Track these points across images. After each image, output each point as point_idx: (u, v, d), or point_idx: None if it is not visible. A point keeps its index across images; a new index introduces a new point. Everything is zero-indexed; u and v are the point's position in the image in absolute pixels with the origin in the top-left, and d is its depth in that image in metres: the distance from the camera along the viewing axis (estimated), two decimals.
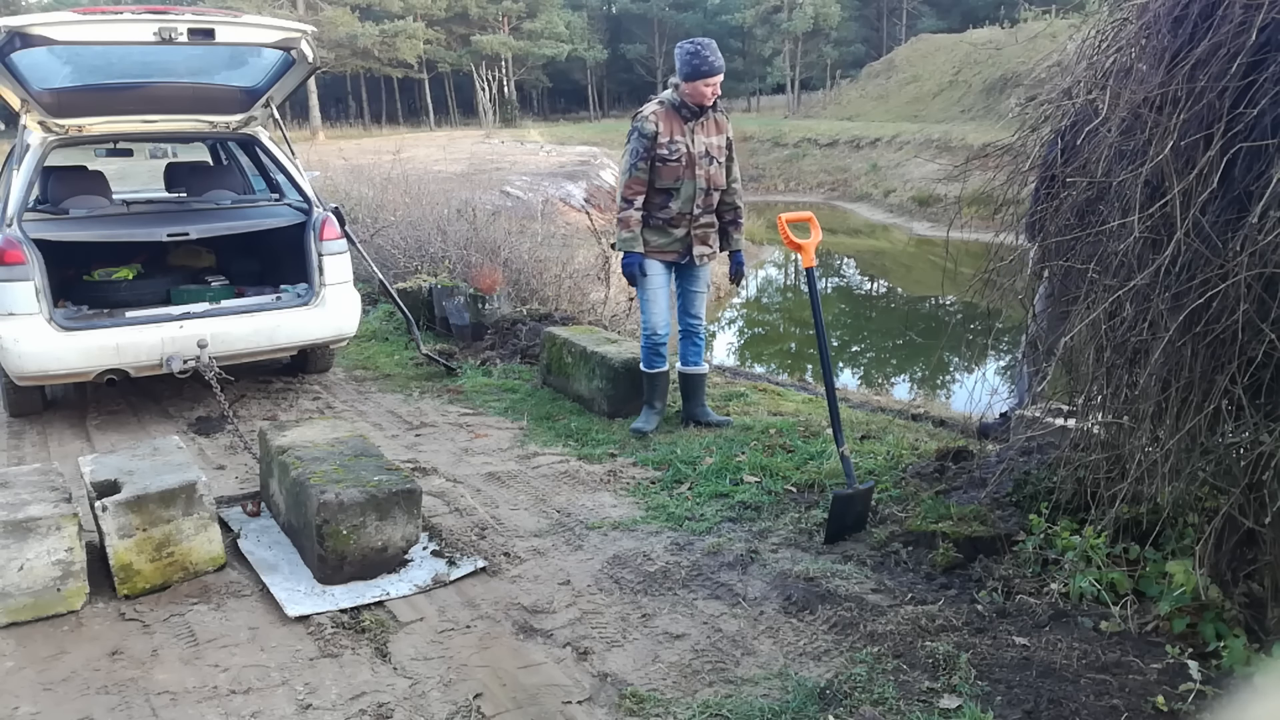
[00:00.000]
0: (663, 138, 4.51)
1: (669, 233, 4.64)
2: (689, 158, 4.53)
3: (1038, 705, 2.38)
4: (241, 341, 5.16)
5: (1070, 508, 3.05)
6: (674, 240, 4.65)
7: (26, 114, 5.34)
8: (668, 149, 4.51)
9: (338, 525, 3.19)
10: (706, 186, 4.60)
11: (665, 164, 4.53)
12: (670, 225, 4.63)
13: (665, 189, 4.58)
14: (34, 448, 4.91)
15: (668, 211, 4.61)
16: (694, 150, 4.54)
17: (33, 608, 3.01)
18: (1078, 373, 2.92)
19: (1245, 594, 2.57)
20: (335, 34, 43.61)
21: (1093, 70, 2.69)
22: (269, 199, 6.04)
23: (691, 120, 4.54)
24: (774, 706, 2.48)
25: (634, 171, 4.55)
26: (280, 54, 5.23)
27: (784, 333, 14.76)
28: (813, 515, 3.68)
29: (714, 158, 4.60)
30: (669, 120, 4.53)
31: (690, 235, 4.65)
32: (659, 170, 4.54)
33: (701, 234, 4.68)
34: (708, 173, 4.59)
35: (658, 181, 4.57)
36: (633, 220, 4.59)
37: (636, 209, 4.58)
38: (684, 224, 4.63)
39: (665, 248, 4.67)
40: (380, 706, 2.55)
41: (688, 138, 4.53)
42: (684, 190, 4.57)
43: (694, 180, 4.56)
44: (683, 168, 4.54)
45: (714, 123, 4.62)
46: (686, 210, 4.60)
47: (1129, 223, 2.42)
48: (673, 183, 4.56)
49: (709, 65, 4.42)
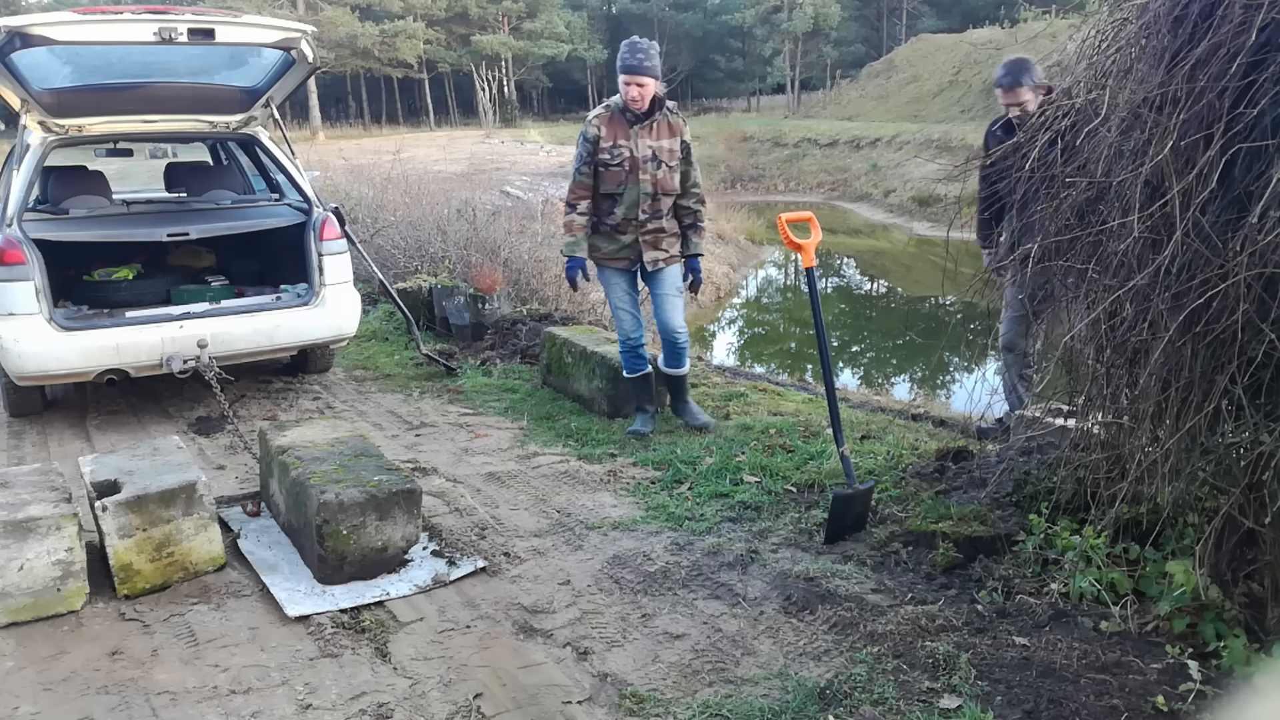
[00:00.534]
0: (604, 142, 4.46)
1: (616, 239, 4.59)
2: (632, 162, 4.46)
3: (1038, 705, 2.38)
4: (241, 341, 5.16)
5: (1070, 508, 3.05)
6: (622, 247, 4.59)
7: (26, 114, 5.34)
8: (609, 154, 4.46)
9: (338, 525, 3.19)
10: (654, 191, 4.51)
11: (607, 169, 4.48)
12: (617, 231, 4.57)
13: (609, 194, 4.53)
14: (34, 448, 4.91)
15: (614, 217, 4.56)
16: (637, 154, 4.46)
17: (33, 608, 3.01)
18: (1078, 373, 2.92)
19: (1245, 594, 2.57)
20: (335, 34, 43.61)
21: (1093, 70, 2.69)
22: (269, 199, 6.04)
23: (637, 123, 4.46)
24: (774, 706, 2.48)
25: (577, 176, 4.53)
26: (280, 54, 5.23)
27: (784, 333, 14.76)
28: (813, 515, 3.68)
29: (662, 161, 4.50)
30: (612, 124, 4.47)
31: (638, 241, 4.57)
32: (602, 175, 4.50)
33: (652, 239, 4.58)
34: (654, 177, 4.49)
35: (602, 187, 4.53)
36: (574, 225, 4.56)
37: (579, 214, 4.55)
38: (631, 230, 4.55)
39: (615, 255, 4.62)
40: (380, 706, 2.55)
41: (631, 141, 4.45)
42: (627, 195, 4.50)
43: (638, 185, 4.48)
44: (625, 173, 4.47)
45: (665, 126, 4.52)
46: (631, 216, 4.53)
47: (1129, 223, 2.42)
48: (615, 188, 4.51)
49: (623, 62, 4.36)
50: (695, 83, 62.26)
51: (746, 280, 18.07)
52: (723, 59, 59.58)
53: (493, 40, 50.61)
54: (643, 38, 4.52)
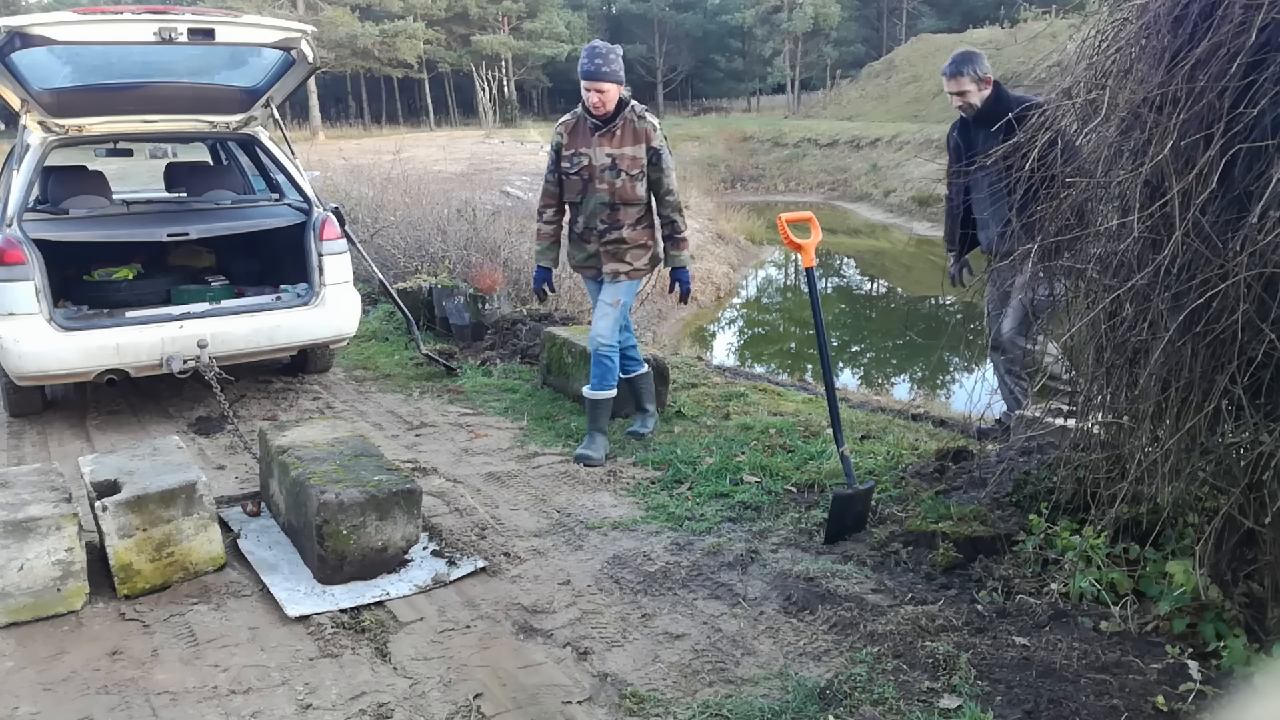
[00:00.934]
0: (566, 150, 4.39)
1: (583, 248, 4.52)
2: (589, 170, 4.35)
3: (1038, 705, 2.38)
4: (241, 341, 5.16)
5: (1070, 508, 3.05)
6: (588, 256, 4.51)
7: (26, 114, 5.34)
8: (569, 162, 4.39)
9: (338, 525, 3.19)
10: (611, 200, 4.35)
11: (567, 177, 4.41)
12: (582, 240, 4.51)
13: (572, 203, 4.46)
14: (34, 448, 4.91)
15: (578, 225, 4.49)
16: (595, 163, 4.34)
17: (33, 608, 3.01)
18: (1078, 373, 2.92)
19: (1245, 594, 2.57)
20: (335, 34, 43.61)
21: (1093, 70, 2.69)
22: (269, 199, 6.04)
23: (599, 130, 4.33)
24: (774, 706, 2.48)
25: (544, 184, 4.51)
26: (280, 54, 5.23)
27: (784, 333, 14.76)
28: (813, 515, 3.68)
29: (622, 170, 4.31)
30: (575, 132, 4.40)
31: (600, 252, 4.46)
32: (565, 184, 4.44)
33: (611, 250, 4.43)
34: (611, 185, 4.33)
35: (566, 195, 4.46)
36: (540, 233, 4.54)
37: (545, 222, 4.53)
38: (593, 239, 4.46)
39: (584, 263, 4.56)
40: (380, 706, 2.55)
41: (591, 149, 4.35)
42: (586, 204, 4.41)
43: (596, 194, 4.36)
44: (584, 182, 4.38)
45: (629, 132, 4.34)
46: (592, 225, 4.42)
47: (1129, 223, 2.42)
48: (576, 197, 4.42)
49: (583, 69, 4.28)
50: (695, 83, 62.28)
51: (746, 280, 18.07)
52: (723, 59, 59.59)
53: (493, 40, 50.60)
54: (604, 42, 4.38)
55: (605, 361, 4.47)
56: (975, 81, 4.48)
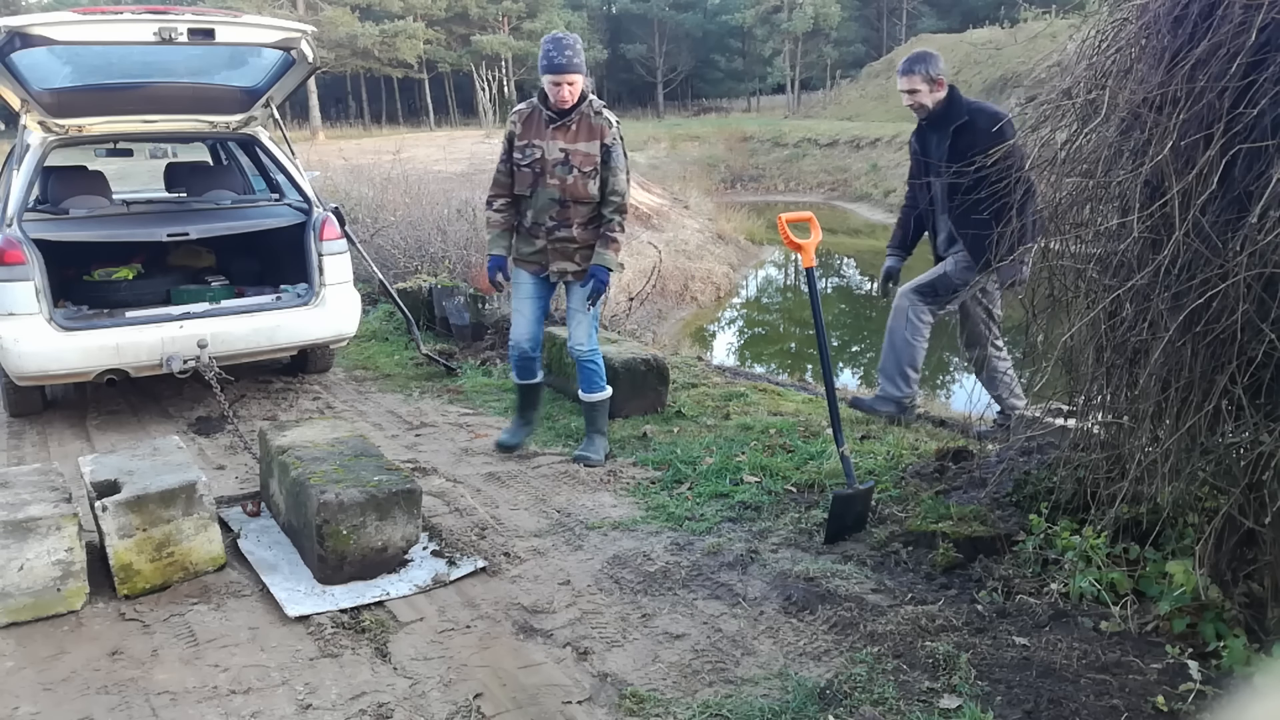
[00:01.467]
0: (519, 140, 4.24)
1: (532, 242, 4.36)
2: (541, 164, 4.21)
3: (1038, 705, 2.38)
4: (241, 341, 5.15)
5: (1070, 508, 3.05)
6: (535, 251, 4.35)
7: (26, 114, 5.34)
8: (521, 153, 4.24)
9: (338, 525, 3.19)
10: (561, 197, 4.21)
11: (519, 169, 4.26)
12: (530, 235, 4.35)
13: (521, 196, 4.32)
14: (34, 448, 4.91)
15: (526, 220, 4.35)
16: (547, 156, 4.20)
17: (33, 608, 3.01)
18: (1077, 373, 2.92)
19: (1245, 594, 2.57)
20: (335, 34, 43.59)
21: (1093, 70, 2.69)
22: (269, 199, 6.04)
23: (555, 123, 4.20)
24: (774, 706, 2.48)
25: (496, 173, 4.35)
26: (280, 54, 5.23)
27: (784, 333, 14.76)
28: (813, 515, 3.68)
29: (574, 166, 4.18)
30: (530, 122, 4.25)
31: (548, 249, 4.32)
32: (516, 175, 4.29)
33: (559, 248, 4.30)
34: (562, 181, 4.19)
35: (516, 187, 4.30)
36: (490, 222, 4.39)
37: (495, 210, 4.37)
38: (541, 235, 4.31)
39: (529, 257, 4.39)
40: (380, 706, 2.55)
41: (545, 142, 4.21)
42: (536, 199, 4.26)
43: (546, 189, 4.22)
44: (534, 175, 4.23)
45: (585, 127, 4.20)
46: (541, 221, 4.28)
47: (1129, 223, 2.42)
48: (526, 190, 4.27)
49: (548, 60, 4.09)
50: (695, 83, 62.25)
51: (746, 280, 18.07)
52: (723, 59, 59.56)
53: (493, 40, 50.58)
54: (565, 33, 4.22)
55: (590, 366, 4.45)
56: (927, 81, 4.48)
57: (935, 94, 4.50)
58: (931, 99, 4.51)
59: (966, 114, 4.48)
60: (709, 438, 4.66)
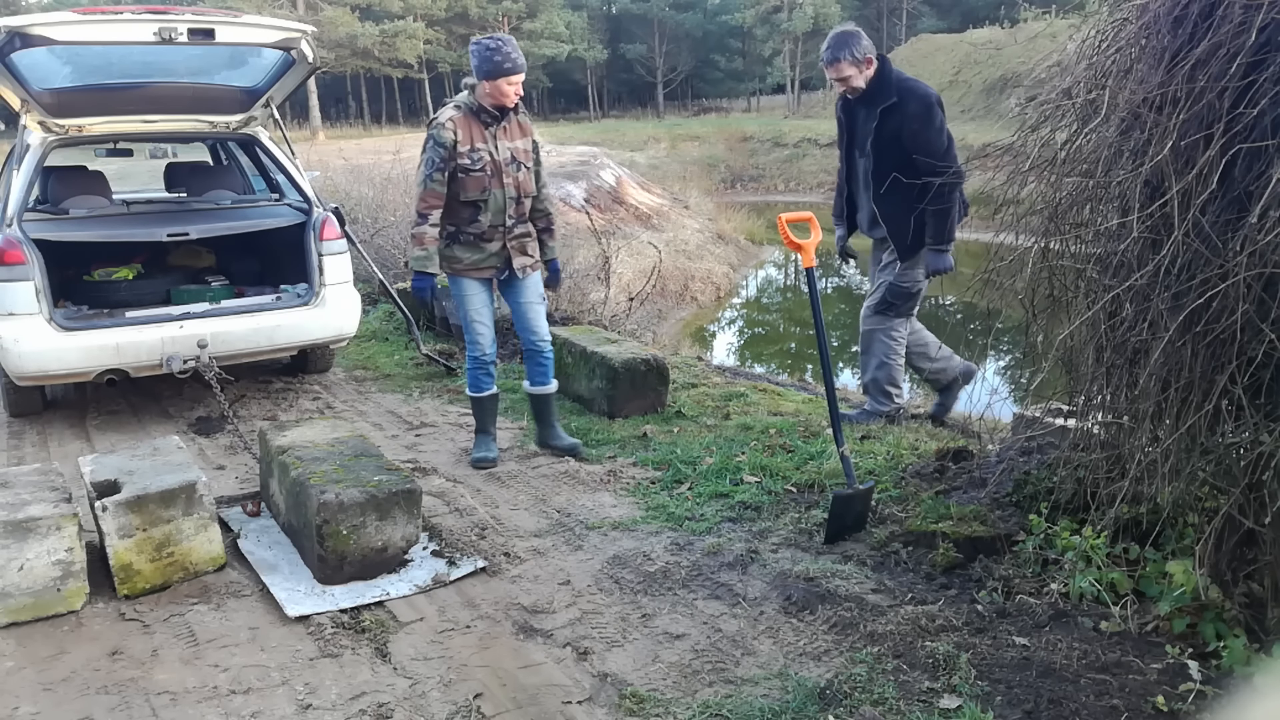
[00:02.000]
0: (462, 146, 4.16)
1: (482, 248, 4.29)
2: (494, 165, 4.21)
3: (1038, 705, 2.38)
4: (241, 341, 5.16)
5: (1070, 508, 3.05)
6: (489, 255, 4.31)
7: (26, 114, 5.34)
8: (469, 158, 4.17)
9: (338, 525, 3.19)
10: (517, 194, 4.29)
11: (469, 174, 4.18)
12: (483, 240, 4.28)
13: (472, 201, 4.22)
14: (34, 448, 4.91)
15: (478, 226, 4.25)
16: (498, 157, 4.22)
17: (33, 608, 3.01)
18: (1078, 373, 2.92)
19: (1245, 594, 2.57)
20: (335, 34, 43.59)
21: (1093, 70, 2.69)
22: (269, 199, 6.04)
23: (493, 125, 4.21)
24: (774, 706, 2.48)
25: (430, 184, 4.16)
26: (280, 54, 5.23)
27: (784, 333, 14.76)
28: (813, 515, 3.68)
29: (521, 163, 4.29)
30: (468, 126, 4.19)
31: (506, 248, 4.32)
32: (463, 182, 4.19)
33: (519, 244, 4.35)
34: (516, 179, 4.27)
35: (463, 194, 4.20)
36: (426, 238, 4.20)
37: (432, 224, 4.20)
38: (498, 237, 4.29)
39: (481, 264, 4.32)
40: (380, 706, 2.55)
41: (490, 144, 4.21)
42: (493, 201, 4.23)
43: (503, 189, 4.24)
44: (488, 177, 4.20)
45: (517, 126, 4.31)
46: (499, 222, 4.27)
47: (1129, 223, 2.42)
48: (479, 194, 4.21)
49: (511, 62, 4.09)
50: (695, 83, 62.28)
51: (746, 280, 18.07)
52: (723, 59, 59.58)
53: None
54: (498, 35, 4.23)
55: (549, 357, 4.53)
56: (855, 65, 4.36)
57: (866, 72, 4.39)
58: (864, 78, 4.40)
59: (896, 94, 4.38)
60: (709, 438, 4.66)
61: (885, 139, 4.41)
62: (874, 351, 4.73)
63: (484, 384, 4.46)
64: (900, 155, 4.36)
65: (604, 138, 34.72)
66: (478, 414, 4.54)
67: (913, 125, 4.32)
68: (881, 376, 4.74)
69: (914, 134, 4.32)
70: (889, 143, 4.40)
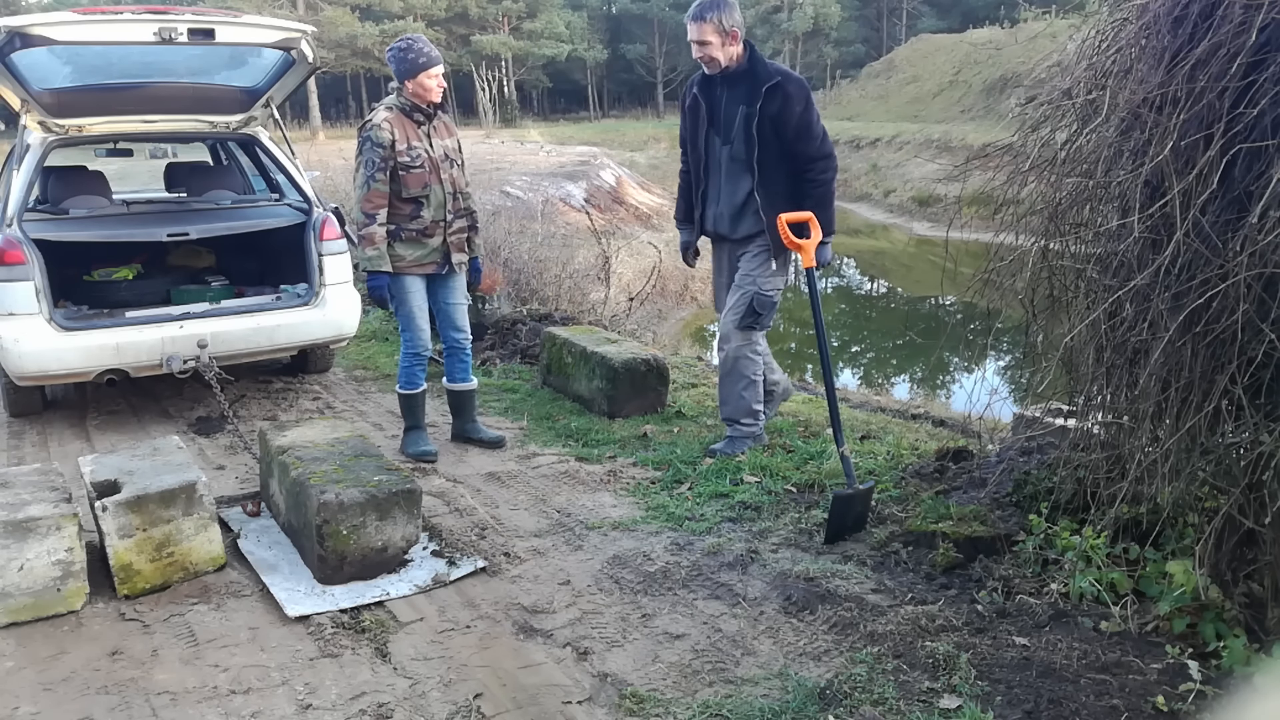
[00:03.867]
0: (400, 144, 4.24)
1: (424, 244, 4.36)
2: (431, 162, 4.31)
3: (1038, 705, 2.38)
4: (241, 341, 5.15)
5: (1070, 508, 3.05)
6: (431, 251, 4.39)
7: (26, 114, 5.34)
8: (409, 155, 4.25)
9: (338, 525, 3.19)
10: (454, 190, 4.42)
11: (409, 171, 4.26)
12: (425, 235, 4.36)
13: (414, 198, 4.30)
14: (34, 448, 4.91)
15: (420, 222, 4.33)
16: (434, 154, 4.32)
17: (33, 608, 3.01)
18: (1078, 373, 2.92)
19: (1245, 594, 2.57)
20: (335, 34, 43.61)
21: (1093, 70, 2.69)
22: (269, 199, 6.04)
23: (425, 124, 4.33)
24: (774, 706, 2.48)
25: (373, 184, 4.21)
26: (280, 54, 5.23)
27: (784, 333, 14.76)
28: (813, 515, 3.68)
29: (453, 160, 4.44)
30: (403, 125, 4.27)
31: (446, 243, 4.41)
32: (404, 179, 4.26)
33: (457, 240, 4.47)
34: (452, 176, 4.40)
35: (404, 191, 4.28)
36: (377, 237, 4.25)
37: (380, 224, 4.25)
38: (439, 232, 4.38)
39: (423, 260, 4.39)
40: (380, 706, 2.55)
41: (425, 142, 4.31)
42: (434, 197, 4.33)
43: (441, 185, 4.35)
44: (428, 173, 4.30)
45: (443, 124, 4.43)
46: (440, 218, 4.36)
47: (1129, 223, 2.42)
48: (421, 190, 4.30)
49: (426, 56, 4.20)
50: None
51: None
52: None
53: (493, 40, 50.62)
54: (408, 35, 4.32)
55: (470, 354, 4.69)
56: (720, 33, 4.02)
57: (729, 48, 4.06)
58: (725, 53, 4.06)
59: (778, 75, 4.10)
60: (709, 438, 4.66)
61: (766, 124, 4.06)
62: (740, 372, 4.32)
63: (419, 380, 4.58)
64: (781, 143, 4.09)
65: (604, 138, 34.73)
66: (412, 410, 4.64)
67: (796, 108, 4.05)
68: (750, 396, 4.35)
69: (797, 117, 4.05)
70: (770, 128, 4.07)
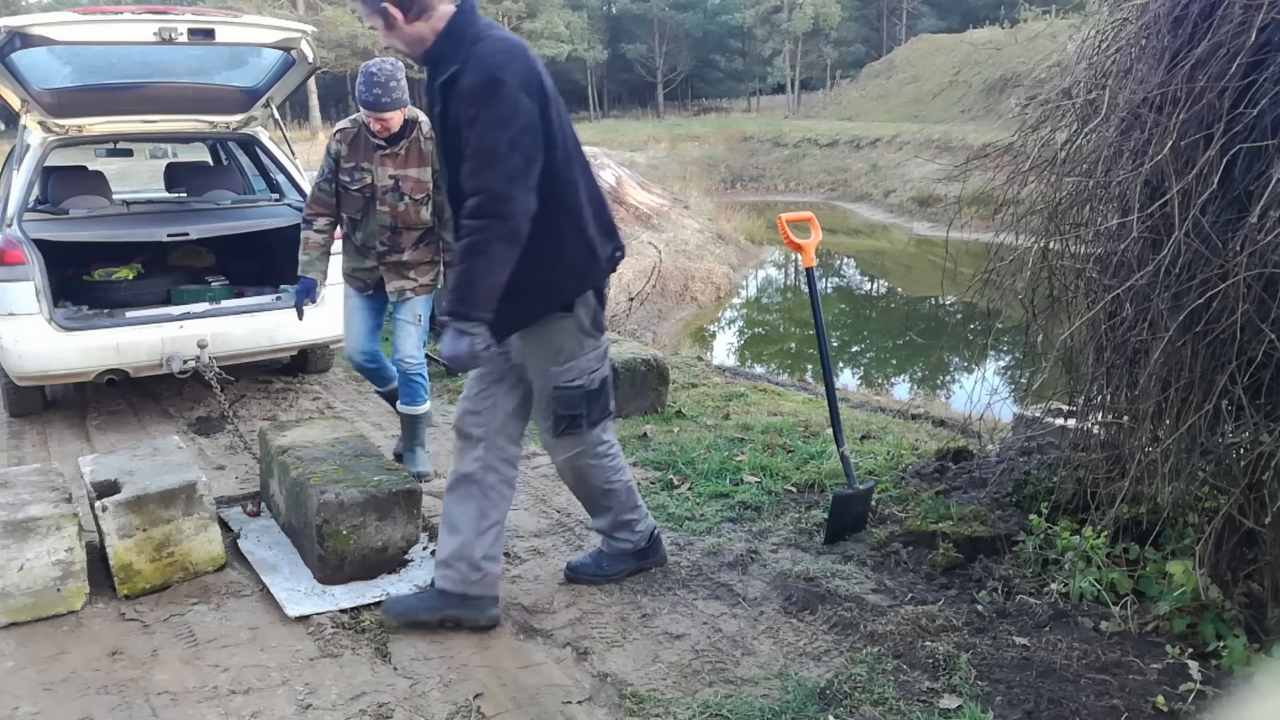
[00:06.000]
0: (346, 162, 4.00)
1: (360, 261, 4.18)
2: (371, 189, 4.00)
3: (1038, 705, 2.38)
4: (241, 341, 5.16)
5: (1070, 508, 3.05)
6: (363, 269, 4.18)
7: (26, 114, 5.34)
8: (349, 175, 4.00)
9: (338, 525, 3.19)
10: (393, 224, 4.01)
11: (346, 192, 4.04)
12: (360, 254, 4.18)
13: (351, 218, 4.12)
14: (34, 448, 4.91)
15: (356, 239, 4.15)
16: (377, 182, 3.98)
17: (33, 608, 3.01)
18: (1078, 373, 2.92)
19: (1245, 594, 2.57)
20: (335, 34, 43.57)
21: (1093, 70, 2.70)
22: (269, 199, 6.04)
23: (385, 149, 3.97)
24: (774, 706, 2.48)
25: (316, 191, 4.09)
26: (280, 54, 5.23)
27: (784, 333, 14.76)
28: (813, 515, 3.68)
29: (405, 193, 3.97)
30: (356, 144, 4.00)
31: (380, 269, 4.14)
32: (341, 197, 4.07)
33: (394, 270, 4.13)
34: (394, 209, 3.98)
35: (342, 208, 4.10)
36: (309, 242, 4.13)
37: (316, 231, 4.13)
38: (371, 257, 4.13)
39: (355, 272, 4.21)
40: (380, 706, 2.55)
41: (375, 167, 3.98)
42: (366, 224, 4.07)
43: (377, 215, 4.01)
44: (364, 200, 4.02)
45: (416, 153, 3.98)
46: (371, 245, 4.09)
47: (1129, 223, 2.42)
48: (354, 213, 4.08)
49: (375, 99, 3.78)
50: (695, 83, 62.27)
51: (746, 280, 18.07)
52: (723, 59, 59.57)
53: None
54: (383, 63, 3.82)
55: (418, 380, 4.25)
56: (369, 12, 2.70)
57: (418, 26, 2.65)
58: (414, 32, 2.67)
59: (461, 61, 2.61)
60: (709, 438, 4.66)
61: (450, 134, 2.69)
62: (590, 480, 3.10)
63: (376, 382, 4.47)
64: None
65: (604, 138, 34.71)
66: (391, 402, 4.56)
67: (468, 110, 2.57)
68: (618, 505, 3.16)
69: (469, 122, 2.58)
70: (454, 140, 2.69)
